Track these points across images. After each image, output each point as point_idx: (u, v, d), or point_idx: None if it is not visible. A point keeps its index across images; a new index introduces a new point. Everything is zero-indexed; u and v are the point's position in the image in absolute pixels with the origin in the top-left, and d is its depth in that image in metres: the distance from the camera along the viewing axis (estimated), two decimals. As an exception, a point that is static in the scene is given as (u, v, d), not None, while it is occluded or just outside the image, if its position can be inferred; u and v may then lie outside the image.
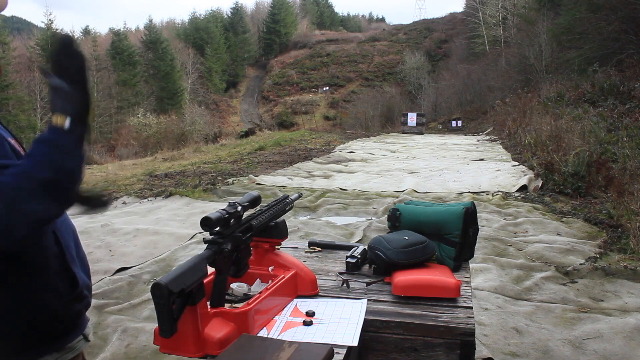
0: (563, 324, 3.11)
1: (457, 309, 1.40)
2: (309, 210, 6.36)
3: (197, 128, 26.84)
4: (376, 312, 1.39)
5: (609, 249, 4.46)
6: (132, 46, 46.20)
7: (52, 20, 44.95)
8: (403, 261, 1.58)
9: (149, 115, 29.17)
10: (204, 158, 12.78)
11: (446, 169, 9.90)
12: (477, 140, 17.28)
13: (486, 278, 3.80)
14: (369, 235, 5.00)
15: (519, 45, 25.33)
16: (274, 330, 1.28)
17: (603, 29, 14.74)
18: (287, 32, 63.25)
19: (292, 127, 38.16)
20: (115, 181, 9.00)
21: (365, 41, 60.13)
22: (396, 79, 47.93)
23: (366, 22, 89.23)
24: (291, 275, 1.47)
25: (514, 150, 12.41)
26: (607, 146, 7.78)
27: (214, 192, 7.51)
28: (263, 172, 9.59)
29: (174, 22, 70.87)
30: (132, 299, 3.54)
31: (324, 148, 14.46)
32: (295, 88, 52.21)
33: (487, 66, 30.72)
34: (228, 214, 1.28)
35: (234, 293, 1.41)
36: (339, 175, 9.24)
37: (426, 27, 59.85)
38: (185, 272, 1.10)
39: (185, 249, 4.62)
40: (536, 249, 4.48)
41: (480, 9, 40.38)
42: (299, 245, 2.04)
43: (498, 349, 2.79)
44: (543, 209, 6.07)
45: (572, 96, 13.73)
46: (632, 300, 3.41)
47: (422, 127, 22.31)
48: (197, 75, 50.06)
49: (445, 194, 7.18)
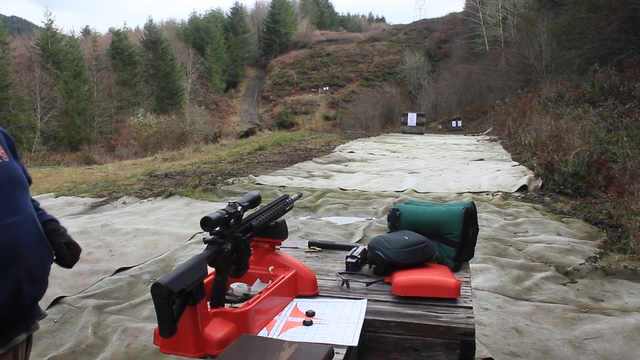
0: (563, 324, 3.11)
1: (457, 309, 1.40)
2: (309, 210, 6.36)
3: (197, 128, 26.83)
4: (376, 312, 1.39)
5: (609, 249, 4.46)
6: (132, 46, 46.20)
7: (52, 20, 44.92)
8: (403, 261, 1.58)
9: (149, 115, 29.19)
10: (204, 158, 12.78)
11: (446, 169, 9.90)
12: (477, 140, 17.27)
13: (486, 278, 3.80)
14: (369, 235, 5.00)
15: (519, 45, 25.33)
16: (274, 330, 1.28)
17: (603, 29, 14.74)
18: (287, 32, 63.24)
19: (292, 127, 38.16)
20: (115, 181, 9.00)
21: (365, 41, 60.13)
22: (396, 79, 47.93)
23: (366, 22, 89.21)
24: (291, 275, 1.47)
25: (514, 150, 12.41)
26: (607, 146, 7.78)
27: (214, 192, 7.51)
28: (263, 172, 9.59)
29: (174, 22, 70.93)
30: (132, 299, 3.54)
31: (324, 148, 14.46)
32: (295, 88, 52.21)
33: (487, 66, 30.72)
34: (228, 214, 1.28)
35: (234, 293, 1.42)
36: (339, 175, 9.24)
37: (426, 27, 59.85)
38: (185, 272, 1.10)
39: (185, 249, 4.62)
40: (536, 249, 4.48)
41: (480, 9, 40.38)
42: (299, 245, 2.04)
43: (498, 349, 2.78)
44: (543, 209, 6.07)
45: (572, 96, 13.73)
46: (632, 300, 3.41)
47: (422, 127, 22.31)
48: (197, 75, 50.07)
49: (445, 194, 7.18)
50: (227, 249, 1.27)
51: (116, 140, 29.05)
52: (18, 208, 1.30)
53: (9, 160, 1.36)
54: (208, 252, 1.22)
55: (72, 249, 1.46)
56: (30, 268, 1.28)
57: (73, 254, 1.47)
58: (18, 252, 1.24)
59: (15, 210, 1.29)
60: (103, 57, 43.14)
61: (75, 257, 1.48)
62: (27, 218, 1.32)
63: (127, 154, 22.25)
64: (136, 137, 26.07)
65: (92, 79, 40.72)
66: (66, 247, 1.43)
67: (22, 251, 1.26)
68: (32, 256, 1.30)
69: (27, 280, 1.27)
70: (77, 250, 1.49)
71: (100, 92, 39.96)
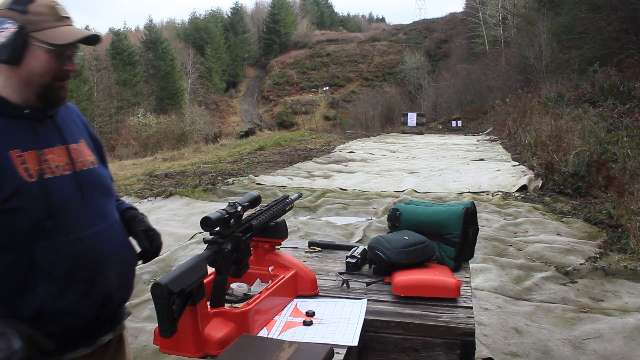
0: (563, 324, 3.11)
1: (457, 309, 1.40)
2: (309, 210, 6.36)
3: (197, 128, 26.82)
4: (376, 312, 1.39)
5: (609, 249, 4.46)
6: (132, 46, 46.17)
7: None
8: (403, 261, 1.58)
9: (149, 115, 29.15)
10: (204, 158, 12.78)
11: (446, 169, 9.90)
12: (477, 140, 17.27)
13: (486, 278, 3.80)
14: (369, 235, 5.00)
15: (519, 45, 25.32)
16: (274, 330, 1.28)
17: (603, 28, 14.73)
18: (287, 32, 63.20)
19: (292, 127, 38.14)
20: (115, 181, 9.00)
21: (365, 41, 60.11)
22: (396, 79, 47.90)
23: (366, 22, 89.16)
24: (291, 275, 1.47)
25: (514, 150, 12.41)
26: (607, 146, 7.78)
27: (214, 192, 7.51)
28: (263, 172, 9.59)
29: (174, 22, 70.89)
30: (132, 299, 3.54)
31: (324, 148, 14.46)
32: (295, 88, 52.19)
33: (487, 66, 30.71)
34: (228, 214, 1.28)
35: (234, 293, 1.42)
36: (339, 175, 9.24)
37: (426, 27, 59.82)
38: (185, 272, 1.11)
39: (185, 249, 4.62)
40: (536, 249, 4.48)
41: (480, 9, 40.37)
42: (299, 245, 2.04)
43: (498, 349, 2.79)
44: (543, 209, 6.07)
45: (572, 96, 13.72)
46: (632, 300, 3.41)
47: (422, 127, 22.29)
48: (197, 75, 50.04)
49: (445, 194, 7.18)
50: (227, 249, 1.27)
51: (116, 140, 29.01)
52: (106, 215, 1.32)
53: (98, 167, 1.38)
54: (208, 252, 1.23)
55: (152, 234, 1.42)
56: (119, 273, 1.31)
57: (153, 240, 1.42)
58: (108, 259, 1.27)
59: (104, 217, 1.31)
60: (103, 57, 43.07)
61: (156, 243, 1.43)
62: (114, 224, 1.34)
63: (127, 154, 22.22)
64: (136, 137, 26.05)
65: (92, 78, 40.68)
66: (144, 234, 1.40)
67: (111, 258, 1.28)
68: (121, 261, 1.32)
69: (116, 285, 1.31)
70: (156, 235, 1.44)
71: (100, 92, 39.93)
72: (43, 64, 1.19)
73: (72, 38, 1.21)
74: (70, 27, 1.24)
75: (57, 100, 1.27)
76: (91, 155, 1.37)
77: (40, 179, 1.19)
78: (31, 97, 1.22)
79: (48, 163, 1.23)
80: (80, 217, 1.24)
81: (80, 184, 1.28)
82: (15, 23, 1.16)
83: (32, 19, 1.18)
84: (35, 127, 1.24)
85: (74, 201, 1.25)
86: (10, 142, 1.19)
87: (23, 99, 1.21)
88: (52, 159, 1.24)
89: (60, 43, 1.19)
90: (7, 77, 1.20)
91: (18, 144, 1.19)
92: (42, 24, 1.19)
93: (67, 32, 1.21)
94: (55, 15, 1.21)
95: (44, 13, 1.19)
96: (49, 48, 1.19)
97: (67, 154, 1.28)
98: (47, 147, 1.24)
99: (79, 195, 1.26)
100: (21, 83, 1.20)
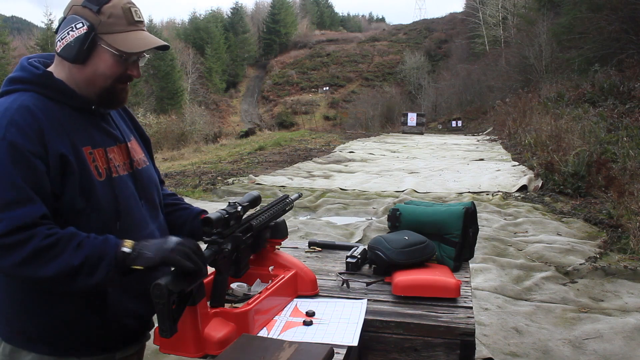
0: (563, 324, 3.11)
1: (457, 309, 1.40)
2: (309, 210, 6.36)
3: (197, 128, 26.78)
4: (376, 312, 1.39)
5: (609, 249, 4.46)
6: (132, 46, 46.15)
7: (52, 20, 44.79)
8: (403, 261, 1.58)
9: (149, 115, 29.11)
10: (204, 158, 12.78)
11: (446, 169, 9.90)
12: (477, 140, 17.27)
13: (486, 278, 3.80)
14: (369, 235, 5.00)
15: (519, 45, 25.32)
16: (274, 330, 1.28)
17: (603, 29, 14.73)
18: (287, 32, 63.18)
19: (292, 127, 38.12)
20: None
21: (365, 41, 60.10)
22: (396, 79, 47.89)
23: (366, 22, 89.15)
24: (291, 275, 1.47)
25: (514, 150, 12.41)
26: (607, 146, 7.78)
27: (214, 192, 7.51)
28: (263, 172, 9.59)
29: (174, 22, 70.89)
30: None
31: (324, 148, 14.46)
32: (295, 88, 52.18)
33: (487, 66, 30.70)
34: (228, 214, 1.28)
35: (234, 293, 1.41)
36: (339, 175, 9.24)
37: (426, 27, 59.81)
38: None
39: (185, 249, 4.62)
40: (536, 249, 4.48)
41: (480, 9, 40.36)
42: (299, 245, 2.04)
43: (498, 349, 2.79)
44: (543, 209, 6.07)
45: (572, 96, 13.72)
46: (632, 300, 3.41)
47: (422, 127, 22.29)
48: (197, 75, 50.02)
49: (445, 194, 7.18)
50: (227, 249, 1.27)
51: (116, 140, 29.00)
52: (156, 215, 1.32)
53: (149, 165, 1.37)
54: (208, 252, 1.22)
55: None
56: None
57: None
58: None
59: (154, 217, 1.31)
60: (103, 57, 43.09)
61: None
62: (161, 223, 1.34)
63: (127, 154, 22.20)
64: (136, 137, 26.03)
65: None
66: None
67: None
68: None
69: None
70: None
71: (100, 92, 39.90)
72: (108, 67, 1.17)
73: (141, 47, 1.18)
74: (141, 34, 1.20)
75: (117, 102, 1.25)
76: (142, 154, 1.36)
77: (108, 178, 1.18)
78: (92, 96, 1.20)
79: (113, 162, 1.21)
80: (139, 217, 1.24)
81: (137, 183, 1.27)
82: (87, 23, 1.13)
83: (105, 20, 1.15)
84: (99, 124, 1.23)
85: (134, 201, 1.24)
86: (82, 137, 1.17)
87: (84, 96, 1.19)
88: (114, 157, 1.23)
89: (129, 51, 1.16)
90: (71, 74, 1.18)
91: (89, 140, 1.18)
92: (114, 27, 1.15)
93: (138, 40, 1.18)
94: (129, 19, 1.18)
95: (118, 16, 1.16)
96: (116, 53, 1.16)
97: (126, 152, 1.27)
98: (110, 145, 1.23)
99: (137, 195, 1.26)
100: (83, 81, 1.18)
